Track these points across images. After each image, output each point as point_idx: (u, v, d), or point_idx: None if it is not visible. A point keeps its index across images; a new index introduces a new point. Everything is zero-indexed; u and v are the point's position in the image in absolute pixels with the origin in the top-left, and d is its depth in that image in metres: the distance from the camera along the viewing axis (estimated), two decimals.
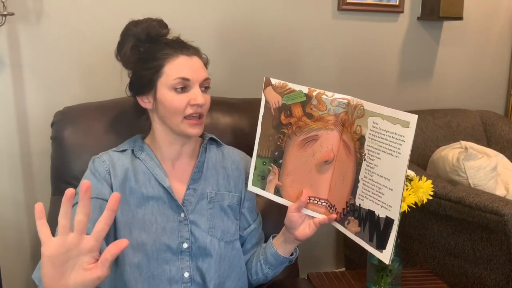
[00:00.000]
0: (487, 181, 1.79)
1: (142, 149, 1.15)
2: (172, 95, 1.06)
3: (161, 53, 1.07)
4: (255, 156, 1.12)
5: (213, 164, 1.18)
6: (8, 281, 1.57)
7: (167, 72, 1.06)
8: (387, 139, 0.92)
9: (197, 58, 1.10)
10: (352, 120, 0.99)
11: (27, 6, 1.52)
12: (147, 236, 1.07)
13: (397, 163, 0.90)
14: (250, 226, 1.21)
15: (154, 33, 1.11)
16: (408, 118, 0.88)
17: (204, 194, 1.14)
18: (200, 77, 1.08)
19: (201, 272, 1.10)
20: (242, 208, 1.20)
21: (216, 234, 1.12)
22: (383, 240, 0.95)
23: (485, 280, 1.63)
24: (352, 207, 1.01)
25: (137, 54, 1.11)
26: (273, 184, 1.11)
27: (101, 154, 1.14)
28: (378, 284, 1.37)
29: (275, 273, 1.20)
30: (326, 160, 1.04)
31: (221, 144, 1.23)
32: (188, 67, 1.07)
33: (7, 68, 1.52)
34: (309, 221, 1.09)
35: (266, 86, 1.09)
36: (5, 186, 1.58)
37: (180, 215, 1.10)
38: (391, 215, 0.93)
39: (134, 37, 1.11)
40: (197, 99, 1.06)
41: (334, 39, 2.05)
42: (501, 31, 2.46)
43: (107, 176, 1.09)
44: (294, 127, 1.06)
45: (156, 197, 1.10)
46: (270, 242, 1.17)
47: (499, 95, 2.54)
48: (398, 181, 0.90)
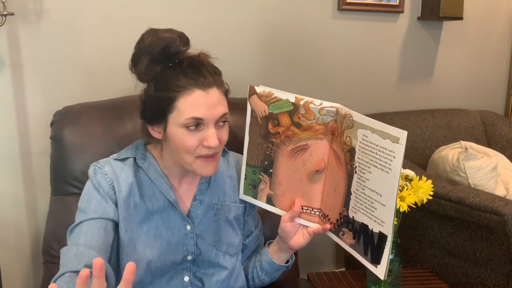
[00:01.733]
0: (487, 181, 1.79)
1: (145, 157, 1.07)
2: (184, 133, 0.96)
3: (175, 84, 0.95)
4: (245, 164, 1.11)
5: (220, 173, 1.14)
6: (8, 281, 1.57)
7: (179, 109, 0.95)
8: (377, 154, 0.89)
9: (215, 90, 0.97)
10: (342, 130, 0.97)
11: (27, 6, 1.51)
12: (151, 251, 1.03)
13: (389, 179, 0.88)
14: (252, 233, 1.21)
15: (172, 49, 0.97)
16: (398, 134, 0.85)
17: (211, 205, 1.11)
18: (216, 115, 0.97)
19: (201, 280, 1.09)
20: (246, 216, 1.18)
21: (221, 248, 1.10)
22: (377, 255, 0.93)
23: (485, 280, 1.63)
24: (346, 219, 1.00)
25: (153, 72, 0.99)
26: (265, 193, 1.10)
27: (101, 163, 1.05)
28: (378, 284, 1.37)
29: (272, 279, 1.20)
30: (317, 169, 1.02)
31: (227, 152, 1.18)
32: (203, 105, 0.95)
33: (7, 68, 1.52)
34: (303, 230, 1.08)
35: (251, 94, 1.06)
36: (5, 186, 1.57)
37: (186, 228, 1.07)
38: (384, 231, 0.91)
39: (148, 52, 0.97)
40: (209, 141, 0.96)
41: (334, 39, 2.04)
42: (501, 31, 2.45)
43: (110, 192, 1.01)
44: (282, 136, 1.04)
45: (161, 210, 1.05)
46: (266, 250, 1.16)
47: (499, 95, 2.54)
48: (390, 197, 0.89)
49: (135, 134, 1.22)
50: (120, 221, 1.02)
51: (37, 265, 1.62)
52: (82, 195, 1.04)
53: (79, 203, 1.03)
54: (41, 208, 1.61)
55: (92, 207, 1.00)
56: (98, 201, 1.00)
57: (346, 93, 2.07)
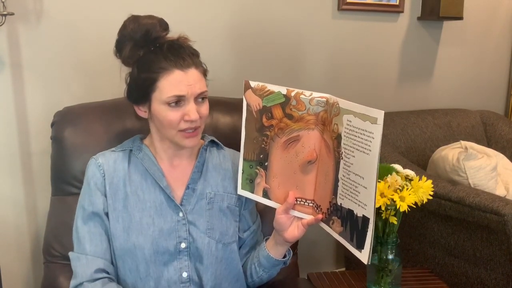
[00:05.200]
0: (487, 181, 1.79)
1: (140, 149, 1.15)
2: (166, 110, 1.04)
3: (156, 66, 1.03)
4: (242, 159, 1.13)
5: (214, 165, 1.18)
6: (8, 281, 1.57)
7: (160, 88, 1.03)
8: (359, 137, 0.91)
9: (193, 70, 1.05)
10: (330, 119, 0.98)
11: (27, 6, 1.51)
12: (144, 239, 1.07)
13: (369, 161, 0.89)
14: (250, 228, 1.21)
15: (153, 35, 1.05)
16: (376, 114, 0.87)
17: (204, 194, 1.14)
18: (195, 92, 1.04)
19: (198, 273, 1.10)
20: (243, 210, 1.20)
21: (214, 236, 1.12)
22: (361, 239, 0.94)
23: (485, 280, 1.63)
24: (335, 207, 1.00)
25: (136, 56, 1.07)
26: (261, 186, 1.11)
27: (98, 155, 1.14)
28: (378, 284, 1.37)
29: (270, 275, 1.20)
30: (309, 160, 1.03)
31: (222, 147, 1.23)
32: (182, 83, 1.03)
33: (7, 68, 1.52)
34: (298, 222, 1.08)
35: (246, 89, 1.09)
36: (5, 186, 1.57)
37: (178, 215, 1.10)
38: (367, 214, 0.92)
39: (131, 38, 1.06)
40: (190, 115, 1.04)
41: (334, 39, 2.05)
42: (501, 31, 2.46)
43: (102, 182, 1.10)
44: (276, 129, 1.06)
45: (153, 198, 1.10)
46: (263, 245, 1.17)
47: (499, 95, 2.54)
48: (371, 179, 0.89)
49: (135, 134, 1.22)
50: (111, 211, 1.09)
51: (37, 265, 1.62)
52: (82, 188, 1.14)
53: (79, 197, 1.13)
54: (41, 208, 1.61)
55: (87, 201, 1.10)
56: (89, 195, 1.10)
57: (346, 93, 2.05)
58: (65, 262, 1.23)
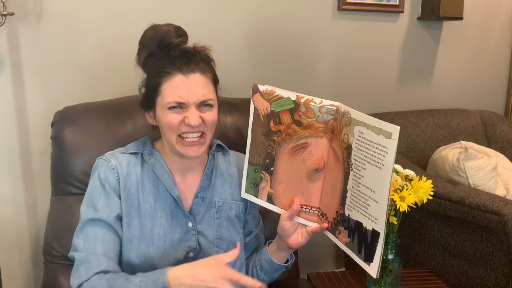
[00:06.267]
0: (487, 181, 1.79)
1: (152, 153, 1.11)
2: (168, 113, 1.02)
3: (162, 70, 1.02)
4: (247, 163, 1.12)
5: (221, 172, 1.16)
6: (8, 281, 1.57)
7: (163, 93, 1.02)
8: (371, 150, 0.90)
9: (198, 75, 1.02)
10: (341, 128, 0.97)
11: (27, 6, 1.51)
12: (155, 250, 1.05)
13: (382, 175, 0.88)
14: (252, 232, 1.21)
15: (166, 41, 1.03)
16: (391, 129, 0.86)
17: (212, 203, 1.12)
18: (197, 98, 1.01)
19: None
20: (247, 215, 1.19)
21: (222, 245, 1.11)
22: (370, 253, 0.93)
23: (485, 280, 1.63)
24: (342, 217, 1.00)
25: (150, 63, 1.06)
26: (265, 191, 1.11)
27: (108, 156, 1.09)
28: (378, 284, 1.37)
29: (271, 278, 1.20)
30: (316, 168, 1.02)
31: (227, 152, 1.20)
32: (183, 89, 1.00)
33: (7, 68, 1.52)
34: (302, 229, 1.08)
35: (254, 93, 1.08)
36: (5, 186, 1.57)
37: (187, 225, 1.08)
38: (377, 228, 0.91)
39: (147, 46, 1.05)
40: (190, 119, 1.01)
41: (334, 39, 2.04)
42: (501, 31, 2.45)
43: (117, 187, 1.05)
44: (283, 134, 1.05)
45: (164, 207, 1.07)
46: (265, 249, 1.17)
47: (499, 95, 2.54)
48: (383, 194, 0.88)
49: (135, 134, 1.22)
50: (123, 216, 1.05)
51: (37, 265, 1.62)
52: (89, 188, 1.07)
53: (87, 196, 1.07)
54: (41, 208, 1.61)
55: (101, 204, 1.04)
56: (106, 198, 1.04)
57: (346, 93, 2.07)
58: (65, 262, 1.23)
